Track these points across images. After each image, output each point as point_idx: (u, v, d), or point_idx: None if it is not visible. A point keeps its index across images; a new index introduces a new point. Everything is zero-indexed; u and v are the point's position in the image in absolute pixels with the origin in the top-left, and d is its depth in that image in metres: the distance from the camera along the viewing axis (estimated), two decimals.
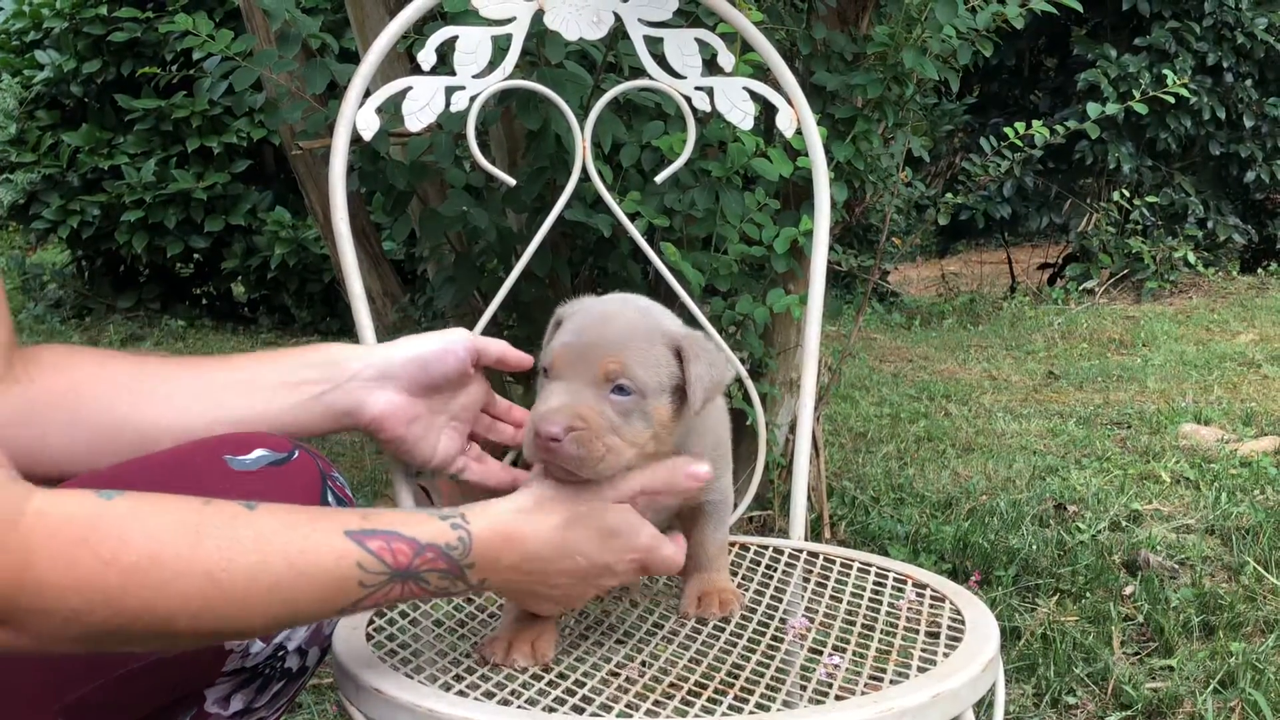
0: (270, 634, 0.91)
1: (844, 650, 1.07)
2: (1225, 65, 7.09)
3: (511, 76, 1.40)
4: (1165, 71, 4.16)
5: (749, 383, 1.48)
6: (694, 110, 1.43)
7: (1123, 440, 3.64)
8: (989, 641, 1.05)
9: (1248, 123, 7.26)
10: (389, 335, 1.24)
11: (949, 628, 1.10)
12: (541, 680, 1.00)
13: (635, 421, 0.99)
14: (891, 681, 0.98)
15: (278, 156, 6.74)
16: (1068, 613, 2.33)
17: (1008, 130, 2.95)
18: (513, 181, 1.51)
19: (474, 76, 1.37)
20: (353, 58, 2.48)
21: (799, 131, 1.43)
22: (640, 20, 1.42)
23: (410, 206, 2.36)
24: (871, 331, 6.11)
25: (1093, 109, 3.05)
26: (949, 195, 3.34)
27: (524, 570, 0.97)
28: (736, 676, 1.02)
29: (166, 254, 6.66)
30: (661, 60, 1.43)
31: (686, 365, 1.00)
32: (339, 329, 6.68)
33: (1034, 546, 2.64)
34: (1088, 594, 2.40)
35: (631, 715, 0.95)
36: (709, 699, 0.98)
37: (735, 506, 1.25)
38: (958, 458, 3.50)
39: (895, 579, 1.25)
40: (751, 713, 0.96)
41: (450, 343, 1.15)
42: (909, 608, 1.16)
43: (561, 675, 1.02)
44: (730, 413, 1.21)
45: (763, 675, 1.02)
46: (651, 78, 1.43)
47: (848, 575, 1.26)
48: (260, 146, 6.69)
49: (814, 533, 2.64)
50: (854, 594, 1.22)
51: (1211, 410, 3.94)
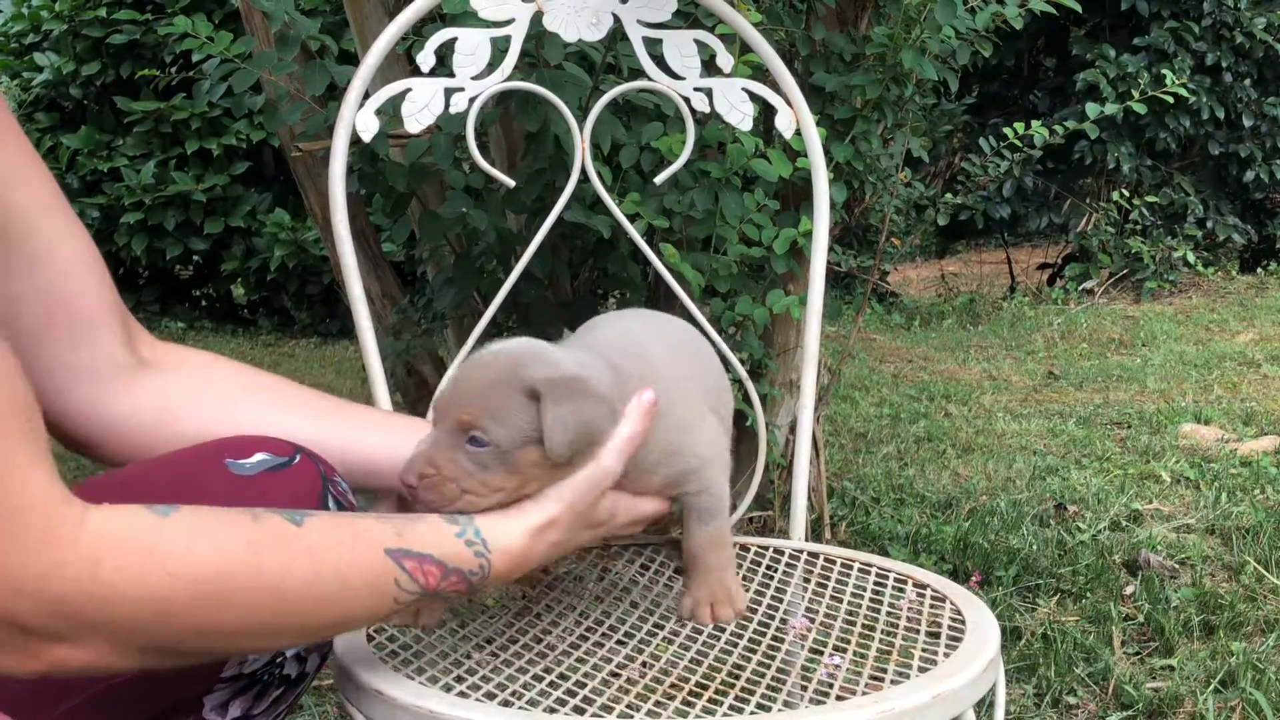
0: (310, 643, 0.95)
1: (844, 650, 1.07)
2: (1224, 65, 7.09)
3: (511, 78, 1.40)
4: (1164, 71, 4.16)
5: (749, 384, 1.48)
6: (693, 111, 1.43)
7: (1123, 440, 3.64)
8: (989, 642, 1.05)
9: (1247, 122, 7.26)
10: (389, 337, 1.25)
11: (949, 628, 1.11)
12: (543, 681, 1.00)
13: (495, 470, 0.97)
14: (892, 682, 0.99)
15: (277, 158, 6.74)
16: (1068, 613, 2.33)
17: (1007, 130, 2.95)
18: (512, 183, 1.51)
19: (473, 78, 1.37)
20: (352, 59, 2.48)
21: (798, 132, 1.43)
22: (639, 21, 1.42)
23: (410, 208, 2.36)
24: (871, 332, 6.11)
25: (1091, 109, 3.05)
26: (948, 195, 3.34)
27: (521, 577, 1.04)
28: (737, 677, 1.02)
29: (166, 256, 6.66)
30: (660, 61, 1.43)
31: (543, 411, 0.97)
32: (339, 330, 6.68)
33: (1034, 546, 2.64)
34: (1088, 594, 2.40)
35: (633, 716, 0.95)
36: (710, 700, 0.98)
37: (734, 508, 1.24)
38: (958, 458, 3.50)
39: (896, 579, 1.25)
40: (752, 713, 0.96)
41: None
42: (909, 608, 1.16)
43: (563, 676, 1.02)
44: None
45: (763, 676, 1.03)
46: (650, 79, 1.43)
47: (848, 576, 1.26)
48: (260, 148, 6.69)
49: (814, 533, 2.64)
50: (854, 594, 1.22)
51: (1211, 410, 3.95)
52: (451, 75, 1.37)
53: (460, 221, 2.17)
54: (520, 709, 0.94)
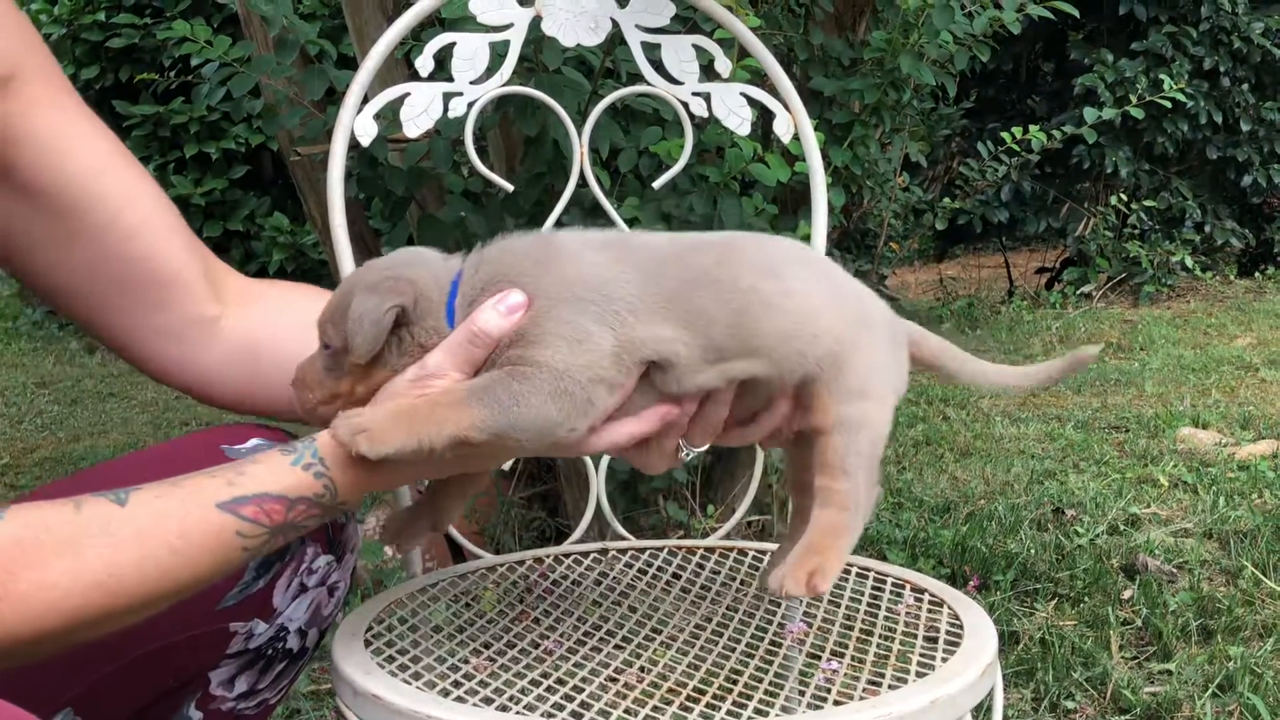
0: (169, 604, 0.92)
1: (842, 655, 1.07)
2: (1222, 69, 7.09)
3: (509, 82, 1.41)
4: (1162, 76, 4.17)
5: None
6: (691, 116, 1.44)
7: (1121, 444, 3.64)
8: (987, 646, 1.05)
9: (1245, 127, 7.27)
10: None
11: (947, 632, 1.11)
12: (540, 685, 1.00)
13: (337, 373, 0.99)
14: (890, 687, 0.99)
15: (276, 162, 6.74)
16: (1066, 617, 2.33)
17: (1005, 135, 2.95)
18: (510, 187, 1.51)
19: (472, 83, 1.37)
20: (351, 63, 2.48)
21: (796, 137, 1.44)
22: (637, 26, 1.42)
23: (408, 212, 2.36)
24: None
25: (1089, 114, 3.06)
26: (946, 200, 3.34)
27: (387, 483, 1.00)
28: (735, 681, 1.02)
29: None
30: (659, 66, 1.43)
31: (350, 308, 0.96)
32: None
33: (1032, 551, 2.64)
34: (1086, 598, 2.40)
35: None
36: (708, 704, 0.98)
37: (732, 511, 1.24)
38: (956, 462, 3.50)
39: (893, 584, 1.25)
40: (750, 718, 0.96)
41: None
42: (907, 612, 1.16)
43: (560, 681, 1.02)
44: None
45: (761, 680, 1.03)
46: (649, 84, 1.43)
47: (846, 580, 1.26)
48: (258, 152, 6.69)
49: None
50: (852, 599, 1.22)
51: (1209, 414, 3.95)
52: (450, 80, 1.37)
53: (459, 226, 2.17)
54: (518, 714, 0.94)
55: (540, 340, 0.94)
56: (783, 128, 1.43)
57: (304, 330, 1.08)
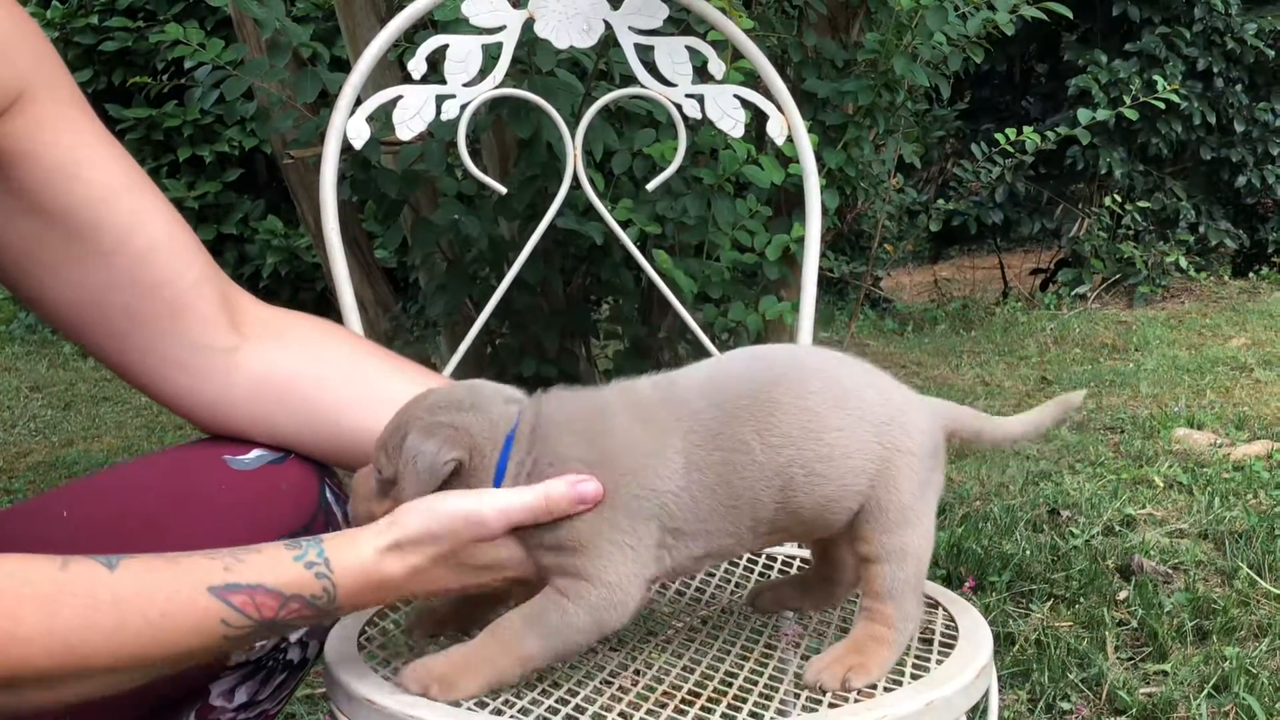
0: (128, 685, 0.89)
1: None
2: (1215, 70, 7.11)
3: (502, 85, 1.40)
4: (1156, 77, 4.18)
5: None
6: (685, 118, 1.44)
7: (1116, 445, 3.64)
8: (982, 648, 1.05)
9: (1238, 128, 7.28)
10: (382, 343, 1.24)
11: (942, 634, 1.10)
12: (535, 689, 1.00)
13: (383, 501, 1.00)
14: (885, 689, 0.98)
15: (269, 165, 6.74)
16: (1062, 618, 2.33)
17: (999, 136, 2.95)
18: (504, 190, 1.51)
19: (465, 85, 1.37)
20: (344, 66, 2.48)
21: (790, 139, 1.43)
22: (631, 28, 1.42)
23: (402, 215, 2.36)
24: (865, 338, 6.12)
25: (1083, 115, 3.06)
26: (941, 201, 3.34)
27: (386, 600, 0.97)
28: (730, 684, 1.02)
29: None
30: (652, 68, 1.43)
31: (404, 449, 0.98)
32: None
33: (1028, 552, 2.64)
34: (1081, 599, 2.40)
35: None
36: (703, 707, 0.97)
37: None
38: (951, 463, 3.51)
39: None
40: None
41: None
42: None
43: (555, 684, 1.01)
44: None
45: (756, 682, 1.02)
46: (642, 86, 1.43)
47: None
48: (252, 155, 6.69)
49: None
50: (848, 600, 1.21)
51: (1204, 414, 3.95)
52: (443, 82, 1.37)
53: (453, 228, 2.17)
54: (512, 717, 0.94)
55: (592, 546, 0.96)
56: (776, 130, 1.43)
57: (330, 385, 1.10)
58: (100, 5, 6.59)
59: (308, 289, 6.63)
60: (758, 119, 1.71)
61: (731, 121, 1.44)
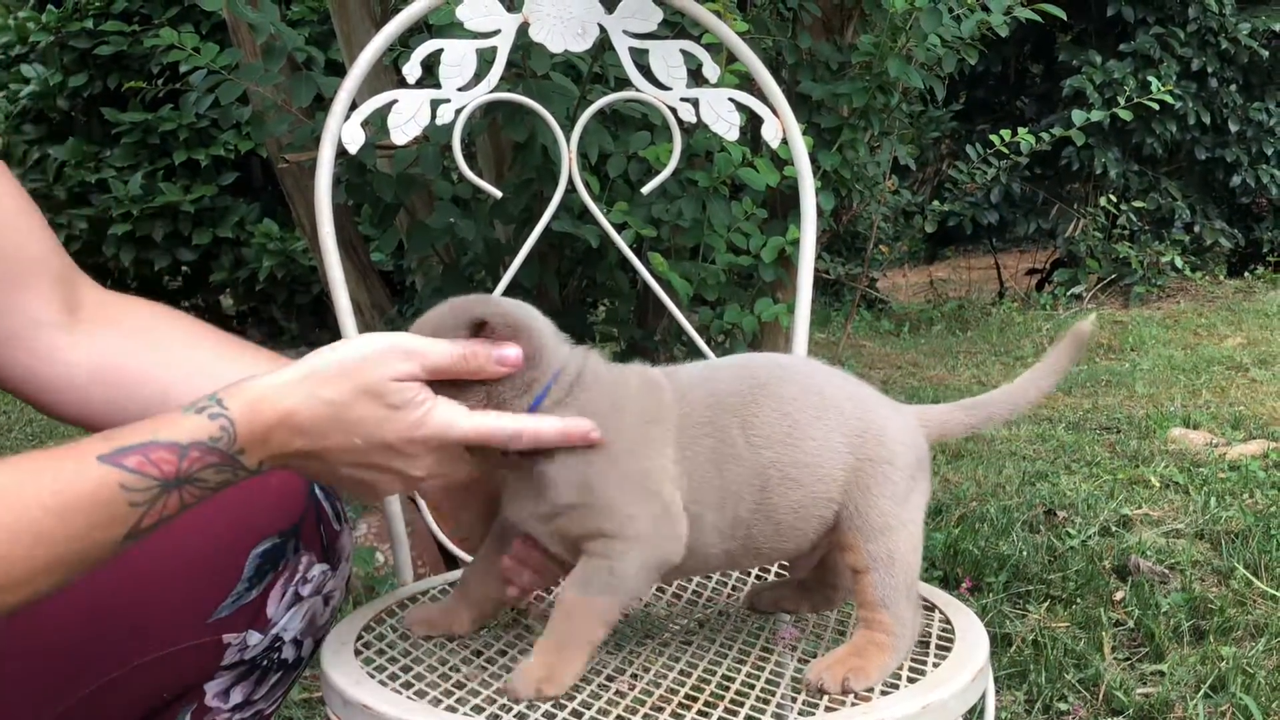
0: (60, 585, 0.85)
1: None
2: (1210, 70, 7.12)
3: (497, 89, 1.40)
4: (1150, 78, 4.18)
5: None
6: (680, 121, 1.44)
7: (1112, 445, 3.64)
8: (978, 651, 1.05)
9: (1233, 127, 7.29)
10: None
11: (939, 637, 1.10)
12: None
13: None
14: (882, 693, 0.98)
15: (265, 168, 6.73)
16: (1058, 619, 2.33)
17: (994, 138, 2.96)
18: (499, 193, 1.51)
19: (459, 89, 1.37)
20: (339, 70, 2.47)
21: (785, 141, 1.44)
22: (625, 32, 1.42)
23: (397, 218, 2.36)
24: (861, 338, 6.12)
25: (1078, 116, 3.06)
26: (936, 203, 3.35)
27: (300, 448, 0.90)
28: (727, 687, 1.02)
29: (154, 267, 6.64)
30: (647, 71, 1.43)
31: (489, 333, 0.99)
32: (328, 341, 6.64)
33: (1024, 552, 2.64)
34: (1078, 600, 2.40)
35: None
36: (700, 710, 0.97)
37: None
38: (947, 464, 3.51)
39: None
40: None
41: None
42: None
43: None
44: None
45: (754, 685, 1.02)
46: (637, 89, 1.43)
47: None
48: (248, 159, 6.68)
49: None
50: (846, 604, 1.22)
51: (1200, 414, 3.95)
52: (438, 86, 1.36)
53: (448, 232, 2.17)
54: None
55: (611, 504, 0.98)
56: (771, 132, 1.43)
57: (166, 368, 1.07)
58: (95, 10, 6.59)
59: (304, 292, 6.62)
60: (753, 122, 1.71)
61: (726, 125, 1.44)
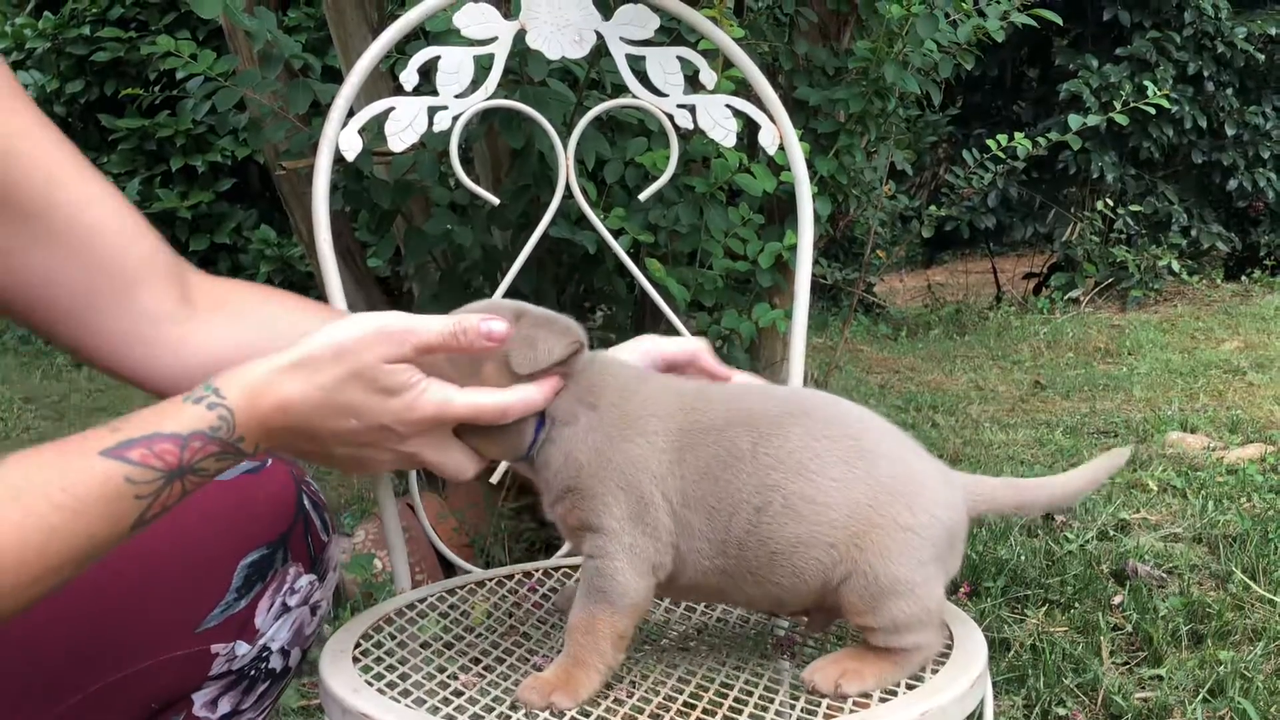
0: (67, 580, 0.86)
1: None
2: (1206, 74, 7.13)
3: (494, 95, 1.40)
4: (1146, 82, 4.19)
5: None
6: (677, 127, 1.44)
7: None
8: (976, 657, 1.05)
9: (1229, 131, 7.31)
10: None
11: None
12: None
13: (464, 370, 0.99)
14: (880, 699, 0.98)
15: (262, 175, 6.74)
16: (1057, 623, 2.33)
17: (990, 143, 2.96)
18: (496, 200, 1.51)
19: (457, 96, 1.37)
20: (336, 76, 2.47)
21: (782, 147, 1.44)
22: (622, 39, 1.42)
23: (395, 225, 2.35)
24: (858, 343, 6.12)
25: (1074, 120, 3.06)
26: (933, 207, 3.35)
27: (298, 432, 0.92)
28: (726, 694, 1.02)
29: None
30: (644, 78, 1.43)
31: (518, 326, 1.00)
32: None
33: (1022, 557, 2.64)
34: (1076, 604, 2.40)
35: None
36: (699, 717, 0.97)
37: None
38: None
39: None
40: None
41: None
42: None
43: None
44: None
45: (752, 692, 1.02)
46: (634, 95, 1.43)
47: None
48: (245, 165, 6.69)
49: None
50: None
51: (1197, 418, 3.96)
52: (435, 93, 1.37)
53: (445, 238, 2.17)
54: None
55: (594, 494, 0.99)
56: (768, 138, 1.44)
57: (289, 334, 1.07)
58: (92, 16, 6.60)
59: None
60: (749, 127, 1.71)
61: (723, 131, 1.44)
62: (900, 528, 0.98)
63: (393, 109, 1.35)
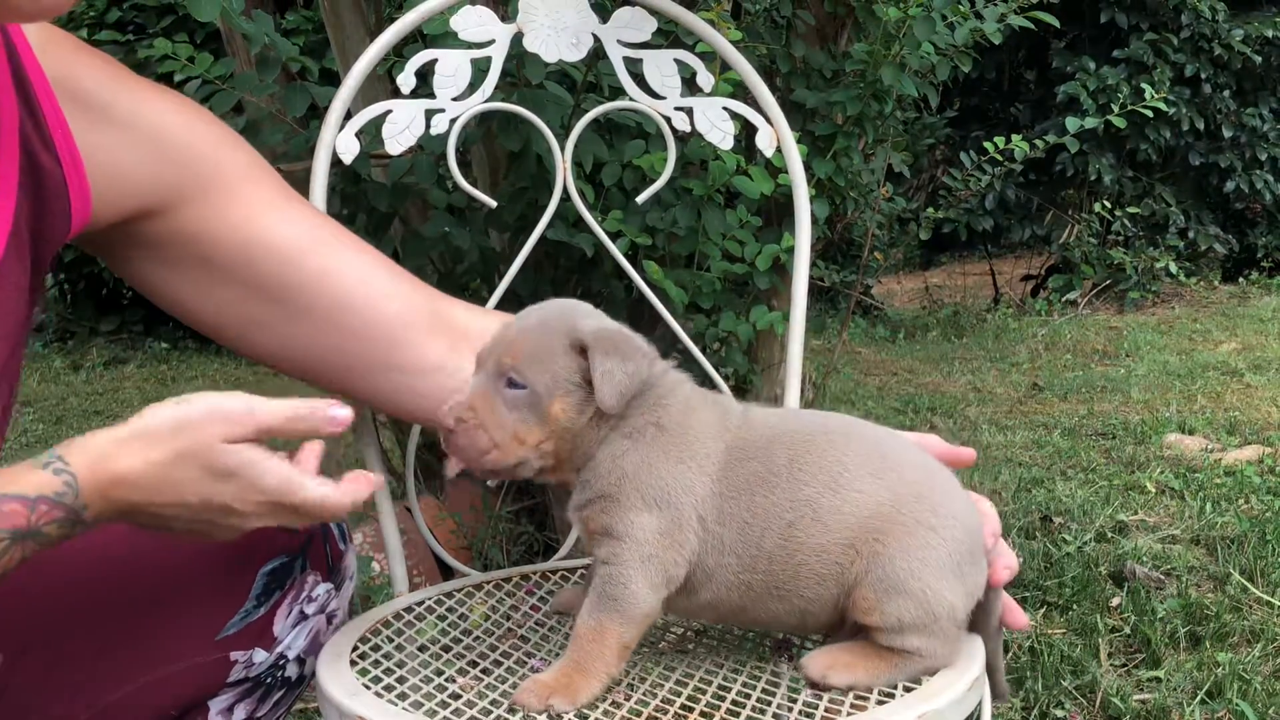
0: None
1: None
2: (1203, 76, 7.14)
3: (492, 98, 1.41)
4: (1144, 84, 4.19)
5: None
6: (674, 130, 1.44)
7: (1107, 451, 3.65)
8: (974, 660, 1.05)
9: (1226, 133, 7.31)
10: None
11: None
12: None
13: (527, 416, 0.97)
14: (878, 702, 0.98)
15: None
16: (1055, 625, 2.33)
17: (988, 145, 2.96)
18: (494, 203, 1.51)
19: (454, 99, 1.37)
20: (333, 78, 2.47)
21: (779, 150, 1.44)
22: (619, 41, 1.42)
23: (392, 228, 2.35)
24: (856, 345, 6.13)
25: (1072, 123, 3.07)
26: (930, 210, 3.35)
27: (136, 504, 0.90)
28: (724, 696, 1.02)
29: None
30: (641, 80, 1.43)
31: (591, 360, 0.96)
32: None
33: (1021, 559, 2.64)
34: (1075, 606, 2.40)
35: None
36: (696, 719, 0.97)
37: None
38: None
39: None
40: None
41: None
42: None
43: None
44: None
45: (750, 695, 1.02)
46: (631, 98, 1.43)
47: None
48: None
49: None
50: None
51: (1195, 420, 3.96)
52: (432, 96, 1.37)
53: (443, 241, 2.17)
54: None
55: (624, 499, 0.99)
56: (765, 141, 1.44)
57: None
58: (89, 20, 6.59)
59: None
60: (747, 130, 1.71)
61: (721, 133, 1.44)
62: (922, 526, 0.99)
63: (390, 112, 1.35)
